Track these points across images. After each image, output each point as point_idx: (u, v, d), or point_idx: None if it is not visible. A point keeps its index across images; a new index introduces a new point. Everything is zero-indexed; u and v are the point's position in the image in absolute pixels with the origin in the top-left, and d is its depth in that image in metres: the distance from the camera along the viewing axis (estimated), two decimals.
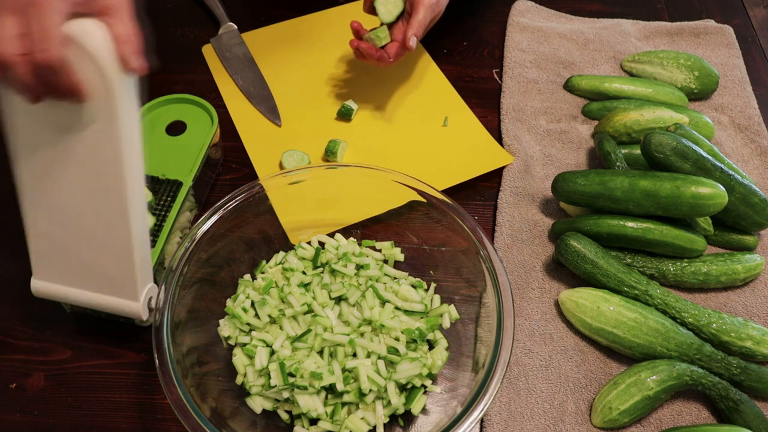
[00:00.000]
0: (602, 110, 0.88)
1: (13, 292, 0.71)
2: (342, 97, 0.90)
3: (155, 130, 0.78)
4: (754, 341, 0.67)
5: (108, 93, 0.51)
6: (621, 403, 0.62)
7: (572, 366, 0.68)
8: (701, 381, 0.64)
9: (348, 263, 0.68)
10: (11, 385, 0.66)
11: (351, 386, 0.60)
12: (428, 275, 0.71)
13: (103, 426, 0.64)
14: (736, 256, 0.73)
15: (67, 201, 0.58)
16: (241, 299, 0.65)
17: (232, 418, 0.60)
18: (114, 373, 0.67)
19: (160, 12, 1.03)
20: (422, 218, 0.70)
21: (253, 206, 0.68)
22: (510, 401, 0.65)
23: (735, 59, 0.97)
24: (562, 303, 0.70)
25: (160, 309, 0.58)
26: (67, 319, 0.70)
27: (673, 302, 0.69)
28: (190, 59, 0.95)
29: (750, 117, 0.89)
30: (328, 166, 0.71)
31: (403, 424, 0.63)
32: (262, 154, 0.84)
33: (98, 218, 0.57)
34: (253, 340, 0.63)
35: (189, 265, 0.62)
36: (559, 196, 0.75)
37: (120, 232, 0.57)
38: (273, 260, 0.71)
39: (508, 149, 0.85)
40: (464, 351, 0.65)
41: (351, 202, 0.73)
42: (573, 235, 0.71)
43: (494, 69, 0.97)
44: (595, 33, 0.99)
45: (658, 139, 0.71)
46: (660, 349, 0.65)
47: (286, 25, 1.00)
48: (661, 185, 0.69)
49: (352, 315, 0.65)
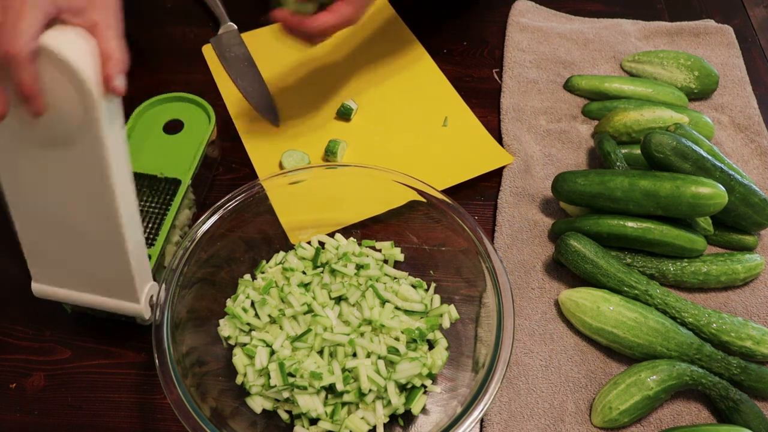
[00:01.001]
0: (602, 110, 0.88)
1: (13, 292, 0.71)
2: (342, 97, 0.90)
3: (152, 129, 0.78)
4: (754, 341, 0.67)
5: (89, 110, 0.48)
6: (621, 403, 0.62)
7: (572, 366, 0.68)
8: (701, 381, 0.64)
9: (348, 263, 0.68)
10: (11, 385, 0.66)
11: (351, 386, 0.60)
12: (428, 275, 0.71)
13: (103, 426, 0.64)
14: (736, 256, 0.73)
15: (56, 214, 0.56)
16: (241, 299, 0.65)
17: (232, 418, 0.60)
18: (114, 373, 0.67)
19: (160, 12, 1.03)
20: (422, 218, 0.70)
21: (253, 206, 0.68)
22: (510, 401, 0.65)
23: (735, 59, 0.97)
24: (562, 303, 0.70)
25: (161, 308, 0.58)
26: (67, 319, 0.70)
27: (673, 302, 0.69)
28: (190, 59, 0.95)
29: (750, 117, 0.89)
30: (328, 166, 0.71)
31: (403, 424, 0.63)
32: (261, 154, 0.84)
33: (90, 229, 0.56)
34: (253, 340, 0.63)
35: (189, 265, 0.62)
36: (559, 196, 0.75)
37: (114, 240, 0.56)
38: (273, 260, 0.71)
39: (508, 149, 0.85)
40: (464, 351, 0.65)
41: (351, 202, 0.73)
42: (573, 235, 0.71)
43: (494, 69, 0.97)
44: (595, 33, 0.99)
45: (658, 139, 0.71)
46: (660, 349, 0.65)
47: None
48: (661, 185, 0.69)
49: (352, 315, 0.65)
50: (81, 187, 0.53)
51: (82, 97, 0.47)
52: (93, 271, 0.60)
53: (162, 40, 0.99)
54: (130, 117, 0.78)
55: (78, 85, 0.46)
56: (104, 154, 0.50)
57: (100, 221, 0.55)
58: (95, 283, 0.61)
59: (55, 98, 0.48)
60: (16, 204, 0.57)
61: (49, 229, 0.58)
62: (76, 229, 0.56)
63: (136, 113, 0.78)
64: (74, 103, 0.48)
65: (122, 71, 0.49)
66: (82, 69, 0.46)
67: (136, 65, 0.95)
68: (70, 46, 0.46)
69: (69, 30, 0.47)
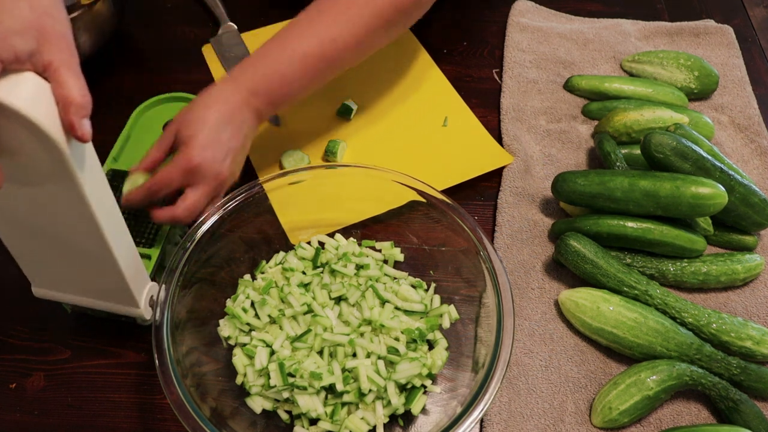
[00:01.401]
0: (602, 110, 0.88)
1: (13, 292, 0.71)
2: (342, 97, 0.90)
3: (152, 130, 0.78)
4: (754, 341, 0.67)
5: (56, 157, 0.45)
6: (621, 403, 0.62)
7: (572, 366, 0.68)
8: (701, 381, 0.64)
9: (348, 263, 0.68)
10: (11, 385, 0.66)
11: (351, 386, 0.60)
12: (428, 275, 0.71)
13: (103, 426, 0.64)
14: (736, 256, 0.73)
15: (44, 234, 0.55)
16: (241, 299, 0.65)
17: (232, 418, 0.60)
18: (114, 373, 0.67)
19: (160, 12, 1.03)
20: (422, 218, 0.70)
21: (253, 206, 0.68)
22: (510, 401, 0.65)
23: (735, 59, 0.97)
24: (562, 303, 0.70)
25: (161, 308, 0.58)
26: (67, 319, 0.70)
27: (673, 302, 0.69)
28: (189, 59, 0.95)
29: (750, 117, 0.89)
30: (328, 166, 0.71)
31: (403, 424, 0.63)
32: (261, 154, 0.84)
33: (80, 247, 0.55)
34: (253, 340, 0.63)
35: (189, 265, 0.62)
36: (559, 196, 0.75)
37: (104, 257, 0.55)
38: (273, 260, 0.71)
39: (508, 149, 0.85)
40: (464, 351, 0.65)
41: (351, 202, 0.73)
42: (573, 235, 0.71)
43: (494, 69, 0.97)
44: (595, 33, 0.99)
45: (658, 139, 0.71)
46: (660, 349, 0.65)
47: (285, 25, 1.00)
48: (661, 185, 0.69)
49: (352, 315, 0.65)
50: (65, 216, 0.52)
51: (45, 146, 0.44)
52: (89, 281, 0.60)
53: (162, 40, 0.99)
54: (130, 117, 0.78)
55: (40, 137, 0.43)
56: (81, 191, 0.48)
57: (88, 242, 0.54)
58: (93, 290, 0.62)
59: (20, 146, 0.45)
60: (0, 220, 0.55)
61: (39, 246, 0.57)
62: (66, 246, 0.56)
63: (136, 113, 0.78)
64: (39, 152, 0.45)
65: (85, 116, 0.44)
66: (40, 121, 0.42)
67: (137, 65, 0.95)
68: (24, 95, 0.42)
69: (22, 77, 0.43)
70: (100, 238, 0.53)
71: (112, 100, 0.89)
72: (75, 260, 0.57)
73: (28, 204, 0.52)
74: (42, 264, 0.60)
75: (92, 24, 0.86)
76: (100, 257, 0.55)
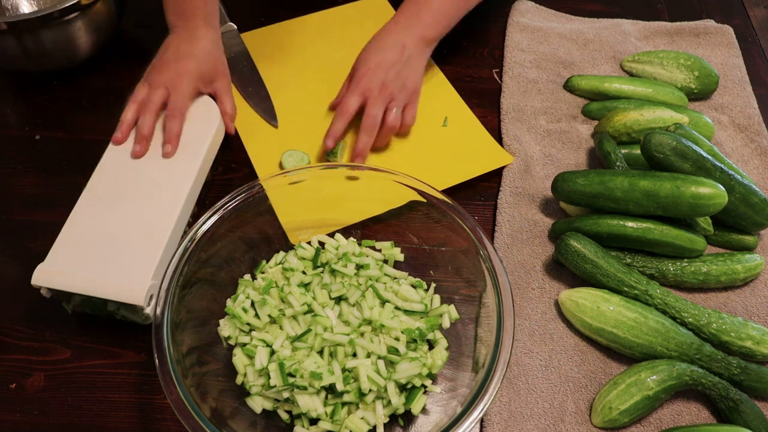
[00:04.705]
0: (602, 110, 0.88)
1: (13, 292, 0.71)
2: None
3: None
4: (754, 341, 0.67)
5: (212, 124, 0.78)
6: (621, 403, 0.62)
7: (572, 366, 0.68)
8: (701, 381, 0.64)
9: (348, 263, 0.68)
10: (11, 385, 0.66)
11: (351, 386, 0.60)
12: (428, 275, 0.71)
13: (103, 426, 0.64)
14: (736, 256, 0.73)
15: (118, 211, 0.69)
16: (241, 299, 0.65)
17: (232, 418, 0.60)
18: (114, 373, 0.67)
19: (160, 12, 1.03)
20: (422, 218, 0.70)
21: (253, 206, 0.68)
22: (510, 401, 0.65)
23: (735, 59, 0.97)
24: (562, 303, 0.70)
25: (161, 308, 0.58)
26: (67, 319, 0.70)
27: (673, 302, 0.69)
28: None
29: (750, 117, 0.89)
30: (328, 166, 0.71)
31: (403, 424, 0.63)
32: (261, 154, 0.84)
33: (142, 221, 0.68)
34: (253, 340, 0.63)
35: (189, 265, 0.62)
36: (559, 196, 0.75)
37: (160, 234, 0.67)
38: (273, 260, 0.71)
39: (508, 149, 0.85)
40: (464, 351, 0.65)
41: (351, 202, 0.73)
42: (573, 235, 0.71)
43: (494, 69, 0.97)
44: (595, 33, 0.99)
45: (658, 139, 0.71)
46: (660, 349, 0.65)
47: (285, 25, 1.00)
48: (661, 185, 0.69)
49: (352, 315, 0.65)
50: (162, 190, 0.71)
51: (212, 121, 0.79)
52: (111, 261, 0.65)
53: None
54: None
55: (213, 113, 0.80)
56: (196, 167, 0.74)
57: (158, 218, 0.69)
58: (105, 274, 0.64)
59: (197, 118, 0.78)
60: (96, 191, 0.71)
61: (105, 219, 0.68)
62: (130, 219, 0.68)
63: None
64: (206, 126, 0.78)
65: (233, 120, 0.82)
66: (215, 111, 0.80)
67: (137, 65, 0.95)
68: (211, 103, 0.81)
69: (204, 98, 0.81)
70: (173, 214, 0.69)
71: (112, 100, 0.89)
72: (120, 236, 0.67)
73: (138, 176, 0.72)
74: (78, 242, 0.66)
75: (92, 24, 0.86)
76: (155, 234, 0.67)
